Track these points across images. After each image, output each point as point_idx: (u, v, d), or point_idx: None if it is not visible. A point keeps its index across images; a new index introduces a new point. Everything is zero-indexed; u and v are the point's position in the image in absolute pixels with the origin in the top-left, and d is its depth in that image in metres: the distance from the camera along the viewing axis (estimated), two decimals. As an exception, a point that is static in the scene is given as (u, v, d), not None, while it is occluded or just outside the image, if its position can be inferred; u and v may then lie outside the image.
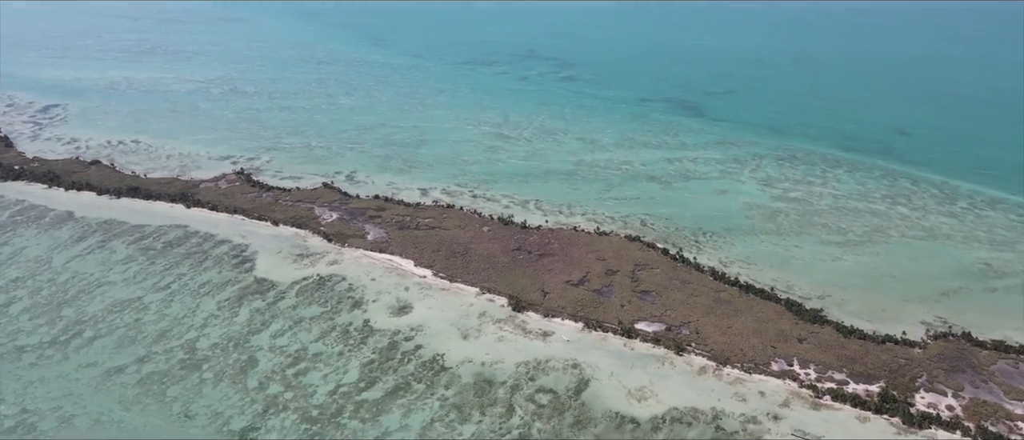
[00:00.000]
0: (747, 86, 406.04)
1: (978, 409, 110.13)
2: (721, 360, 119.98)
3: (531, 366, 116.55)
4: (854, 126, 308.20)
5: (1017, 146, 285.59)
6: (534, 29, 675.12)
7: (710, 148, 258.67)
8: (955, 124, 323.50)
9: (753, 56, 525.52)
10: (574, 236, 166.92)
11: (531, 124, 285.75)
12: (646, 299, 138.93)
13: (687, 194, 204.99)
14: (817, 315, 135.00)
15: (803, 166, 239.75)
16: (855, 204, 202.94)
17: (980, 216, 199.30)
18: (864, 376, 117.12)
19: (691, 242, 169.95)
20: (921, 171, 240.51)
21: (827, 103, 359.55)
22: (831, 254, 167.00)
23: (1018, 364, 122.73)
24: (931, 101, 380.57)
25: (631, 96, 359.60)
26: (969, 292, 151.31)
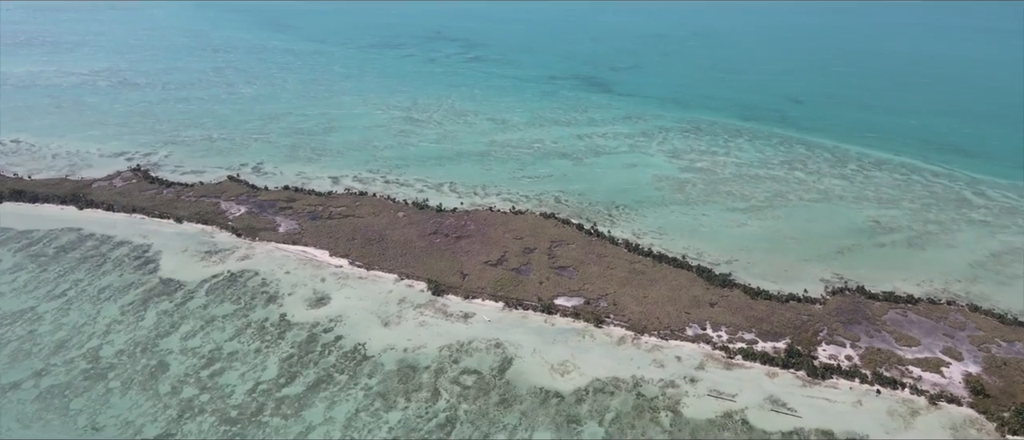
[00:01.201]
0: (651, 61, 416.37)
1: (873, 357, 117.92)
2: (639, 329, 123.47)
3: (454, 349, 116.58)
4: (752, 96, 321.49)
5: (898, 110, 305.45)
6: (440, 10, 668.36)
7: (618, 123, 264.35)
8: (843, 92, 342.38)
9: (655, 31, 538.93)
10: (490, 217, 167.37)
11: (441, 106, 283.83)
12: (564, 275, 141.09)
13: (598, 169, 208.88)
14: (726, 279, 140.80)
15: (707, 137, 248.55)
16: (756, 171, 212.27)
17: (868, 177, 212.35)
18: (771, 334, 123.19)
19: (605, 216, 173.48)
20: (814, 137, 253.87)
21: (727, 75, 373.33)
22: (736, 220, 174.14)
23: (906, 313, 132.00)
24: (822, 70, 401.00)
25: (540, 75, 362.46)
26: (861, 248, 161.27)
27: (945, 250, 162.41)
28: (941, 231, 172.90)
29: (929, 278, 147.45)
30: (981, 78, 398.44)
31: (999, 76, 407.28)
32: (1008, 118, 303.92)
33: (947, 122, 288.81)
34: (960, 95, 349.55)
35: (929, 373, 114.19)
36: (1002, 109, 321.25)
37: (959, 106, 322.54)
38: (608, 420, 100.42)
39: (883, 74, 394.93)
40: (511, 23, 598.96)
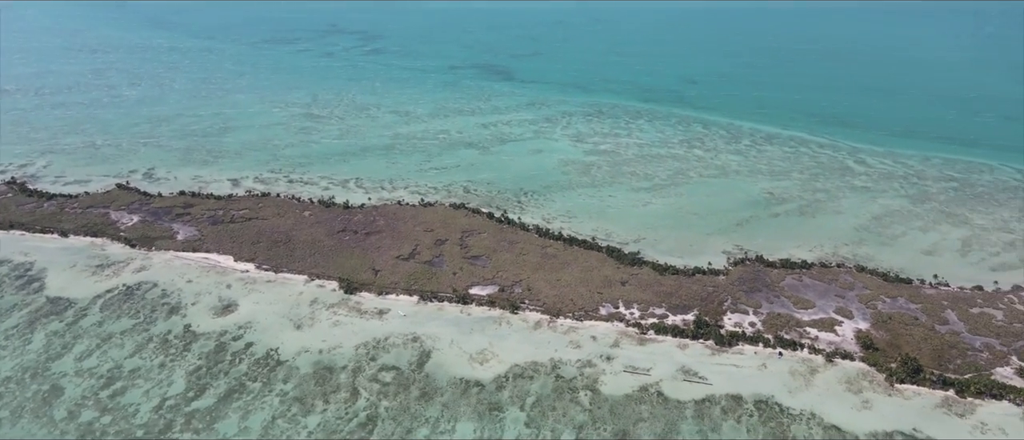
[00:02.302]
0: (551, 47, 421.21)
1: (774, 321, 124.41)
2: (554, 312, 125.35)
3: (371, 346, 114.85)
4: (650, 79, 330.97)
5: (785, 87, 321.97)
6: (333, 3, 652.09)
7: (522, 110, 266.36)
8: (735, 71, 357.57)
9: (554, 18, 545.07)
10: (399, 210, 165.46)
11: (342, 101, 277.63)
12: (477, 264, 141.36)
13: (505, 157, 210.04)
14: (635, 258, 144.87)
15: (609, 120, 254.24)
16: (658, 151, 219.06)
17: (761, 151, 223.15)
18: (680, 307, 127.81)
19: (514, 203, 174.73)
20: (710, 115, 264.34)
21: (625, 59, 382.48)
22: (642, 199, 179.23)
23: (801, 278, 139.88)
24: (714, 52, 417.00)
25: (441, 65, 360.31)
26: (758, 219, 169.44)
27: (833, 216, 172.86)
28: (828, 199, 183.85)
29: (820, 243, 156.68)
30: (859, 55, 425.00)
31: (875, 52, 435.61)
32: (881, 90, 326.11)
33: (829, 96, 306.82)
34: (839, 71, 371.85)
35: (824, 333, 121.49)
36: (877, 82, 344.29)
37: (839, 81, 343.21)
38: (529, 404, 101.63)
39: (770, 54, 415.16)
40: (409, 14, 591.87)
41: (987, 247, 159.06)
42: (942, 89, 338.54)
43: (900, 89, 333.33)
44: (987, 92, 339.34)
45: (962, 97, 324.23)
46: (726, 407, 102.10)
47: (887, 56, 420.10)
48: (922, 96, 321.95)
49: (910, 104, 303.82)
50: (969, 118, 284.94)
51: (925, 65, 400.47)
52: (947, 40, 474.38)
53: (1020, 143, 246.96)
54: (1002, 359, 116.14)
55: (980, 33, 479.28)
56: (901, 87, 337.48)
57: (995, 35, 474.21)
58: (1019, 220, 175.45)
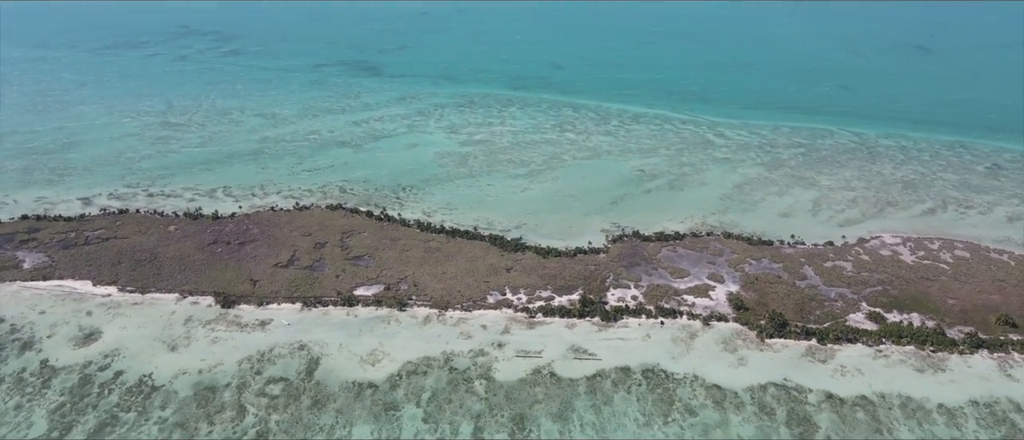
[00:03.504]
0: (418, 40, 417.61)
1: (654, 293, 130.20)
2: (442, 306, 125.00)
3: (255, 360, 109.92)
4: (518, 66, 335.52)
5: (647, 67, 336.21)
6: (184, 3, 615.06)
7: (393, 105, 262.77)
8: (598, 55, 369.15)
9: (418, 10, 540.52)
10: (273, 217, 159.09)
11: (201, 107, 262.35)
12: (360, 264, 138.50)
13: (380, 153, 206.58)
14: (518, 244, 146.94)
15: (481, 109, 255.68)
16: (532, 137, 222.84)
17: (629, 131, 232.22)
18: (565, 288, 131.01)
19: (393, 199, 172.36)
20: (579, 99, 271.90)
21: (492, 48, 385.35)
22: (520, 186, 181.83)
23: (676, 248, 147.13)
24: (578, 36, 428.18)
25: (305, 63, 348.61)
26: (632, 196, 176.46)
27: (699, 188, 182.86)
28: (694, 172, 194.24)
29: (690, 215, 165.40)
30: (711, 33, 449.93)
31: (727, 29, 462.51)
32: (733, 66, 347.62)
33: (687, 75, 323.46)
34: (694, 51, 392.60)
35: (700, 298, 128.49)
36: (728, 59, 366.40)
37: (695, 60, 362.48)
38: (425, 399, 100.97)
39: (631, 35, 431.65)
40: (266, 12, 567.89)
41: (834, 205, 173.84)
42: (785, 63, 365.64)
43: (749, 64, 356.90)
44: (822, 63, 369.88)
45: (802, 69, 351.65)
46: (616, 380, 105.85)
47: (735, 34, 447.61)
48: (768, 70, 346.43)
49: (758, 78, 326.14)
50: (809, 88, 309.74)
51: (768, 41, 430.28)
52: (783, 16, 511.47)
53: (854, 108, 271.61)
54: (854, 306, 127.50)
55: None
56: (750, 63, 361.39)
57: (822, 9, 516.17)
58: (859, 178, 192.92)
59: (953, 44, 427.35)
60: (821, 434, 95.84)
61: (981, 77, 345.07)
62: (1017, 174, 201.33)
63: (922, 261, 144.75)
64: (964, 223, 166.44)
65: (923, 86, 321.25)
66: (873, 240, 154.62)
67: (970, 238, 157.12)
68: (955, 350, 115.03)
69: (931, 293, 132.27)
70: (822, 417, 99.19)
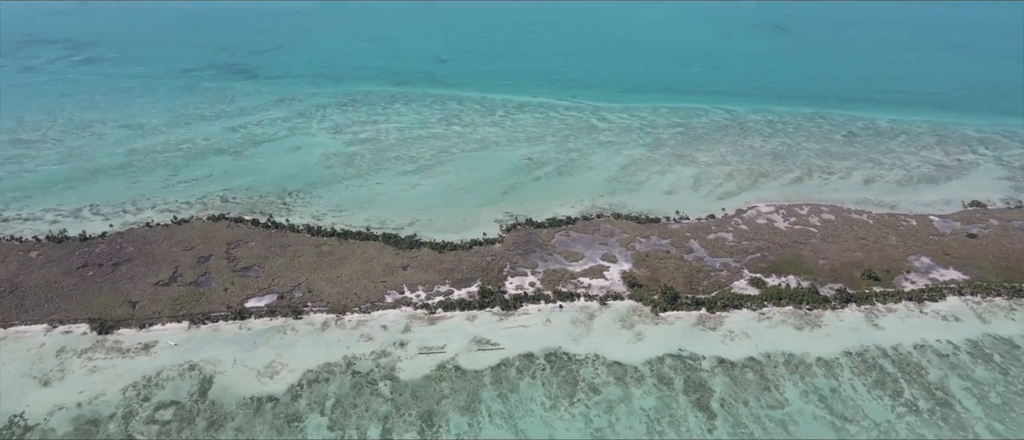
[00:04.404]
0: (293, 39, 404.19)
1: (551, 278, 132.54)
2: (340, 310, 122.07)
3: (141, 386, 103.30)
4: (399, 62, 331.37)
5: (527, 57, 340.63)
6: (28, 8, 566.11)
7: (272, 108, 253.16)
8: (479, 47, 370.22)
9: (291, 8, 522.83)
10: (149, 233, 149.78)
11: (56, 121, 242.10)
12: (249, 275, 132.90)
13: (261, 159, 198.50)
14: (413, 241, 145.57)
15: (365, 107, 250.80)
16: (418, 132, 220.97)
17: (515, 120, 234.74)
18: (463, 281, 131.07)
19: (279, 205, 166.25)
20: (463, 91, 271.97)
21: (372, 44, 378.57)
22: (410, 182, 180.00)
23: (568, 233, 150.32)
24: (457, 29, 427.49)
25: (171, 69, 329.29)
26: (522, 185, 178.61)
27: (587, 172, 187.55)
28: (581, 156, 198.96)
29: (580, 198, 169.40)
30: (589, 21, 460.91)
31: (603, 18, 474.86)
32: (610, 52, 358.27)
33: (567, 62, 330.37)
34: (573, 38, 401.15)
35: (596, 279, 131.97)
36: (605, 45, 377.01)
37: (573, 47, 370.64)
38: (329, 407, 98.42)
39: (510, 27, 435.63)
40: (122, 15, 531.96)
41: (713, 180, 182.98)
42: (659, 47, 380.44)
43: (625, 49, 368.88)
44: (693, 46, 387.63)
45: (675, 52, 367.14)
46: (520, 367, 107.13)
47: (611, 22, 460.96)
48: (645, 54, 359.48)
49: (635, 63, 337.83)
50: (682, 70, 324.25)
51: (642, 28, 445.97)
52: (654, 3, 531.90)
53: (724, 87, 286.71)
54: (737, 274, 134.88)
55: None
56: (626, 48, 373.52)
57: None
58: (733, 153, 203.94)
59: (805, 23, 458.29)
60: (716, 398, 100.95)
61: (832, 53, 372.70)
62: (870, 140, 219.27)
63: (794, 226, 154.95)
64: (828, 188, 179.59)
65: (782, 63, 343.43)
66: (750, 210, 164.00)
67: (834, 202, 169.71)
68: (828, 306, 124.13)
69: (804, 255, 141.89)
70: (716, 381, 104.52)
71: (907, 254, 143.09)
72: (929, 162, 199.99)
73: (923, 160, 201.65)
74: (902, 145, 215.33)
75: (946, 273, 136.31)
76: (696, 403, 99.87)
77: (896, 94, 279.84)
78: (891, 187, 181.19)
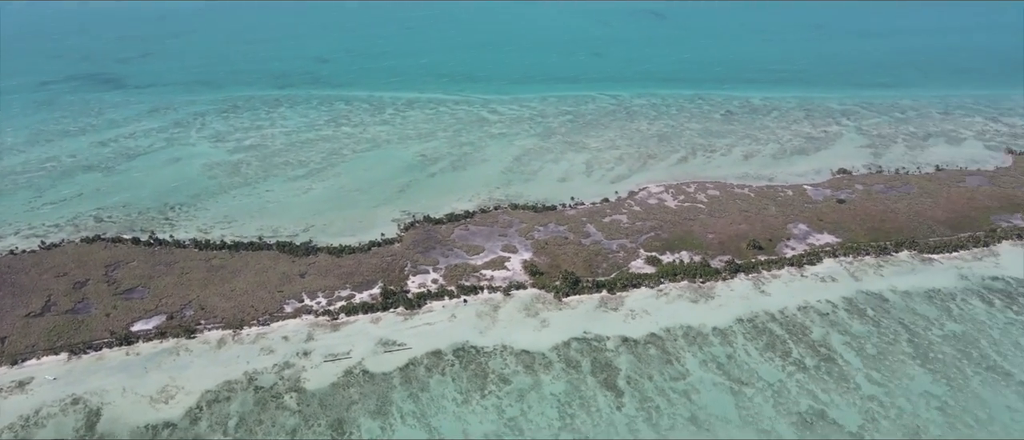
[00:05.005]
0: (163, 46, 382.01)
1: (453, 273, 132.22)
2: (236, 325, 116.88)
3: (18, 427, 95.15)
4: (280, 64, 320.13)
5: (413, 53, 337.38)
6: None
7: (145, 119, 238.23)
8: (362, 45, 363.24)
9: (157, 13, 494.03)
10: (14, 261, 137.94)
11: None
12: (134, 297, 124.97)
13: (137, 173, 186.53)
14: (309, 247, 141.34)
15: (247, 113, 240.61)
16: (306, 135, 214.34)
17: (405, 117, 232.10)
18: (364, 284, 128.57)
19: (161, 221, 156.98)
20: (350, 91, 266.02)
21: (250, 47, 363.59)
22: (301, 187, 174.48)
23: (467, 227, 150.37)
24: (337, 28, 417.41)
25: (25, 82, 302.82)
26: (418, 182, 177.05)
27: (481, 165, 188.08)
28: (474, 150, 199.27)
29: (476, 192, 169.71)
30: (471, 15, 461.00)
31: (485, 10, 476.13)
32: (495, 45, 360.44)
33: (454, 57, 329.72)
34: (459, 32, 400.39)
35: (498, 271, 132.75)
36: (489, 38, 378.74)
37: (459, 42, 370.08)
38: (233, 426, 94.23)
39: (393, 24, 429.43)
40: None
41: (604, 165, 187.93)
42: (543, 37, 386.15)
43: (510, 42, 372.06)
44: (576, 34, 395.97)
45: (559, 41, 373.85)
46: (429, 365, 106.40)
47: (494, 15, 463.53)
48: (529, 45, 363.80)
49: (521, 53, 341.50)
50: (567, 58, 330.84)
51: (525, 19, 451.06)
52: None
53: (608, 73, 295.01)
54: (634, 254, 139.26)
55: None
56: (510, 40, 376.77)
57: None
58: (622, 137, 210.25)
59: (680, 10, 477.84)
60: (622, 375, 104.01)
61: (706, 37, 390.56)
62: (746, 118, 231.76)
63: (683, 204, 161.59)
64: (711, 165, 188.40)
65: (662, 48, 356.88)
66: (641, 191, 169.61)
67: (718, 178, 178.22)
68: (719, 278, 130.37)
69: (694, 231, 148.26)
70: (621, 360, 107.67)
71: (786, 222, 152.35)
72: (799, 135, 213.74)
73: (794, 134, 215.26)
74: (775, 121, 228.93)
75: (821, 237, 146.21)
76: (604, 383, 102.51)
77: (767, 73, 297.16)
78: (768, 161, 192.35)
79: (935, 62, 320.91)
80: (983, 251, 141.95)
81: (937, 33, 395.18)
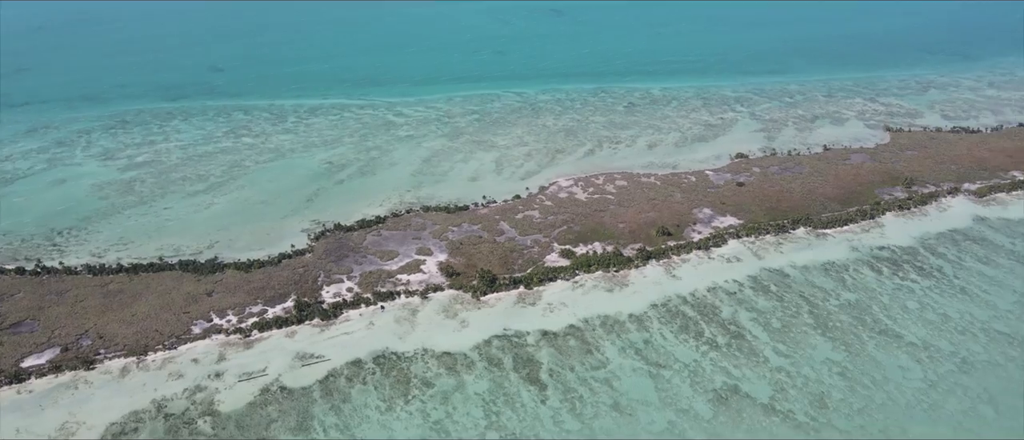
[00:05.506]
0: (39, 60, 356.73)
1: (368, 280, 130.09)
2: (140, 351, 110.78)
3: None
4: (171, 75, 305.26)
5: (313, 58, 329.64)
6: None
7: (22, 139, 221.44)
8: (258, 52, 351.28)
9: (29, 24, 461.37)
10: None
11: None
12: (21, 331, 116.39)
13: (16, 198, 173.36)
14: (215, 264, 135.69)
15: (138, 128, 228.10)
16: (205, 148, 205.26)
17: (309, 125, 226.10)
18: (277, 298, 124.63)
19: (48, 248, 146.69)
20: (249, 100, 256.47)
21: (136, 58, 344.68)
22: (203, 203, 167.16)
23: (380, 232, 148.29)
24: (235, 35, 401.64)
25: None
26: (326, 190, 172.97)
27: (390, 169, 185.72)
28: (382, 154, 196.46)
29: (387, 196, 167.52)
30: (368, 18, 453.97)
31: (384, 12, 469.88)
32: (395, 47, 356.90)
33: (355, 60, 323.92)
34: (358, 35, 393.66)
35: (414, 275, 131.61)
36: (389, 40, 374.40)
37: (359, 45, 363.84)
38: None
39: (290, 29, 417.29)
40: None
41: (514, 162, 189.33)
42: (443, 38, 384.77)
43: (411, 43, 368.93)
44: (477, 33, 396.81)
45: (460, 40, 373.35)
46: (350, 375, 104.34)
47: (392, 17, 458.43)
48: (431, 46, 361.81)
49: (423, 55, 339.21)
50: (470, 57, 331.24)
51: (424, 20, 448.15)
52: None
53: (511, 71, 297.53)
54: (548, 248, 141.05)
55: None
56: (412, 41, 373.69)
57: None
58: (529, 134, 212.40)
59: (578, 7, 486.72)
60: (544, 369, 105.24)
61: (604, 31, 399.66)
62: (648, 108, 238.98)
63: (593, 196, 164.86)
64: (617, 156, 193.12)
65: (562, 44, 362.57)
66: (551, 186, 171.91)
67: (624, 169, 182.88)
68: (632, 266, 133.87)
69: (605, 222, 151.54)
70: (542, 354, 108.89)
71: (691, 208, 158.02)
72: (699, 123, 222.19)
73: (693, 122, 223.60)
74: (675, 110, 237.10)
75: (725, 220, 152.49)
76: (527, 378, 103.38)
77: (664, 65, 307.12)
78: (671, 149, 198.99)
79: (818, 49, 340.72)
80: (870, 223, 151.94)
81: (818, 22, 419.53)
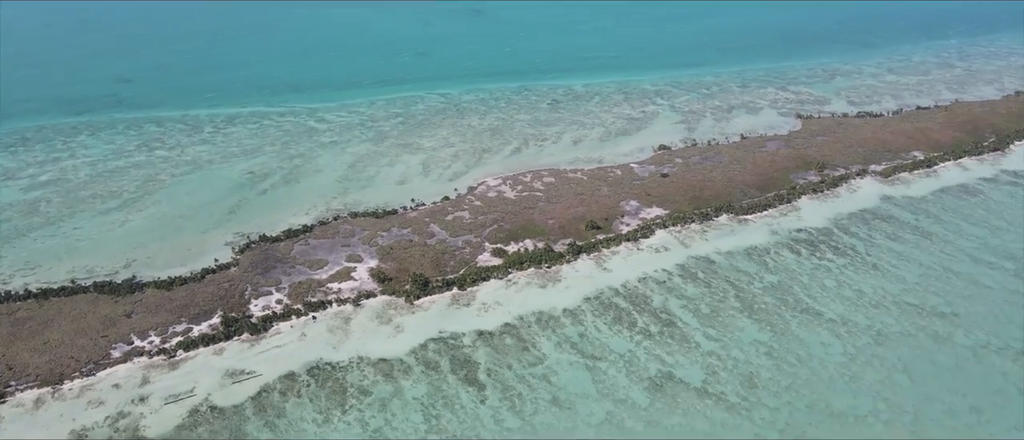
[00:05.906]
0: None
1: (298, 290, 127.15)
2: (55, 380, 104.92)
3: None
4: (74, 88, 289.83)
5: (228, 66, 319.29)
6: None
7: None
8: (169, 61, 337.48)
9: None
10: None
11: None
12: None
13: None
14: (133, 284, 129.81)
15: (40, 145, 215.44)
16: (115, 163, 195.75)
17: (227, 134, 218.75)
18: (202, 315, 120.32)
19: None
20: (161, 111, 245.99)
21: (34, 71, 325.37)
22: (116, 220, 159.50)
23: (307, 241, 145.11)
24: (144, 44, 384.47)
25: None
26: (248, 201, 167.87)
27: (314, 176, 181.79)
28: (305, 161, 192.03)
29: (313, 204, 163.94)
30: (289, 22, 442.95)
31: (305, 16, 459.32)
32: (314, 51, 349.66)
33: (274, 67, 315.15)
34: (277, 41, 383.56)
35: (345, 282, 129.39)
36: (308, 45, 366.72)
37: (277, 52, 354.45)
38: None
39: (204, 36, 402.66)
40: None
41: (441, 164, 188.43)
42: (363, 41, 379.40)
43: (331, 47, 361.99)
44: (398, 35, 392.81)
45: (382, 43, 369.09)
46: (283, 389, 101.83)
47: (310, 21, 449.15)
48: (351, 50, 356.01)
49: (343, 59, 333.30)
50: (392, 59, 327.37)
51: (343, 24, 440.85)
52: None
53: (434, 72, 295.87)
54: (479, 248, 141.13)
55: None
56: (331, 46, 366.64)
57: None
58: (455, 135, 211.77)
59: (497, 6, 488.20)
60: (482, 369, 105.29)
61: (526, 30, 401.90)
62: (571, 105, 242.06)
63: (521, 194, 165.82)
64: (544, 154, 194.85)
65: (483, 43, 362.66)
66: (480, 186, 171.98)
67: (551, 165, 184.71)
68: (563, 261, 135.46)
69: (535, 219, 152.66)
70: (479, 354, 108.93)
71: (618, 200, 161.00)
72: (621, 117, 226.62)
73: (616, 116, 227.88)
74: (598, 105, 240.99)
75: (651, 211, 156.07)
76: (465, 379, 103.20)
77: (585, 61, 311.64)
78: (595, 144, 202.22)
79: (730, 41, 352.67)
80: (787, 207, 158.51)
81: (728, 15, 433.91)
